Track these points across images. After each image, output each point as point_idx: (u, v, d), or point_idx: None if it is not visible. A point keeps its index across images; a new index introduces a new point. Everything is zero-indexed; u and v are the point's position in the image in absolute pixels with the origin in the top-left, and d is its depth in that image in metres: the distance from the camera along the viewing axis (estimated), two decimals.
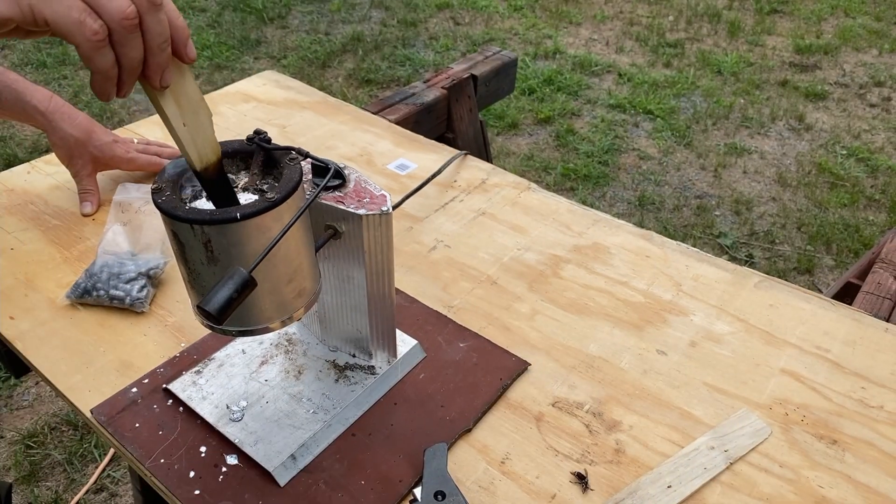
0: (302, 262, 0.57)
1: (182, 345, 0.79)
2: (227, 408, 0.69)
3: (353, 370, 0.73)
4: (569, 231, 0.97)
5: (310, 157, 0.59)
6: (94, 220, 0.98)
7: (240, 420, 0.68)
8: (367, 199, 0.61)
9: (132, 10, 0.42)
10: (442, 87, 1.58)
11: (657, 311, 0.85)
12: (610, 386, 0.75)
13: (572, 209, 1.02)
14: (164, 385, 0.72)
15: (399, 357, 0.74)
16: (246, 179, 0.57)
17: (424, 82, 1.61)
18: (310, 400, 0.70)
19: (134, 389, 0.73)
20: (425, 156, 1.13)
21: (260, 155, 0.56)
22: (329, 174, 0.59)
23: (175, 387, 0.72)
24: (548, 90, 3.33)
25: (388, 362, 0.74)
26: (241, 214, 0.50)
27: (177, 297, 0.86)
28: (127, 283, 0.82)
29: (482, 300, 0.86)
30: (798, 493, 0.65)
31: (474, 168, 1.11)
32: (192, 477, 0.65)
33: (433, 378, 0.75)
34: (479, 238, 0.96)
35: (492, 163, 1.17)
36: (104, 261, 0.84)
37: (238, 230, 0.51)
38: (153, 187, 0.52)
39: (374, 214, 0.60)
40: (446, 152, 1.13)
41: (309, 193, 0.59)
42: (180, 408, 0.71)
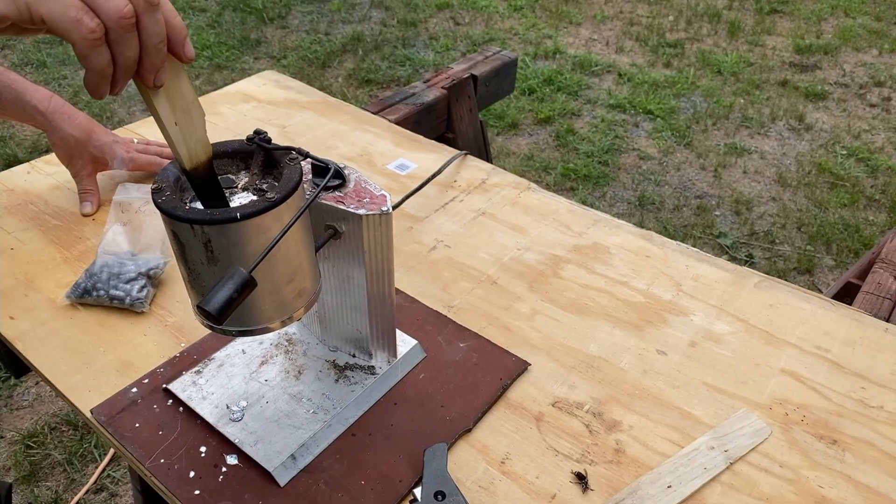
0: (302, 262, 0.57)
1: (182, 345, 0.79)
2: (227, 408, 0.69)
3: (353, 370, 0.73)
4: (569, 231, 0.97)
5: (310, 157, 0.59)
6: (94, 220, 0.98)
7: (240, 420, 0.68)
8: (367, 199, 0.61)
9: (129, 10, 0.42)
10: (442, 87, 1.58)
11: (657, 311, 0.85)
12: (610, 386, 0.75)
13: (572, 209, 1.02)
14: (164, 385, 0.72)
15: (399, 357, 0.74)
16: (246, 179, 0.57)
17: (424, 82, 1.61)
18: (310, 400, 0.70)
19: (134, 389, 0.73)
20: (425, 156, 1.13)
21: (260, 155, 0.56)
22: (329, 174, 0.59)
23: (175, 387, 0.72)
24: (548, 90, 3.33)
25: (388, 362, 0.74)
26: (241, 214, 0.50)
27: (177, 297, 0.86)
28: (127, 283, 0.82)
29: (482, 300, 0.86)
30: (798, 493, 0.65)
31: (474, 168, 1.11)
32: (192, 477, 0.65)
33: (433, 378, 0.75)
34: (479, 238, 0.96)
35: (492, 163, 1.17)
36: (104, 261, 0.84)
37: (238, 230, 0.51)
38: (153, 187, 0.52)
39: (374, 214, 0.60)
40: (446, 152, 1.13)
41: (309, 193, 0.59)
42: (180, 408, 0.71)
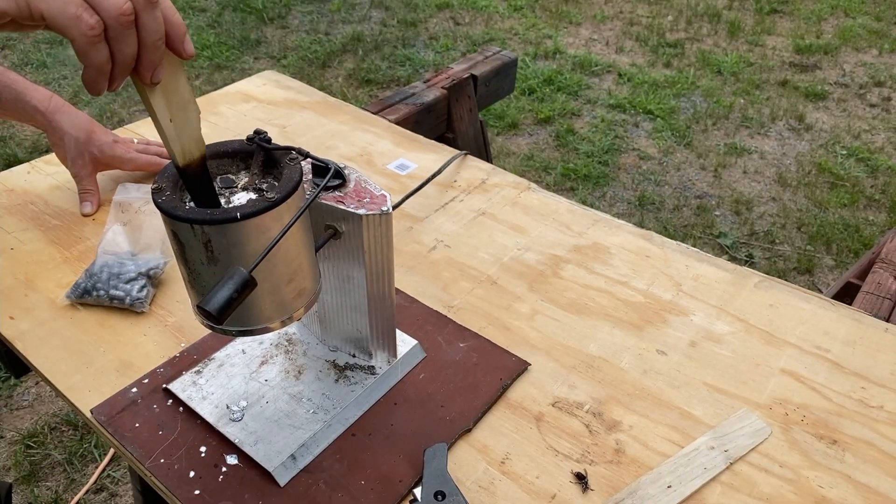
0: (302, 262, 0.57)
1: (182, 345, 0.79)
2: (227, 408, 0.69)
3: (353, 370, 0.73)
4: (569, 231, 0.97)
5: (310, 157, 0.59)
6: (94, 220, 0.98)
7: (240, 420, 0.68)
8: (367, 199, 0.61)
9: (129, 7, 0.42)
10: (442, 87, 1.58)
11: (657, 311, 0.85)
12: (610, 386, 0.75)
13: (572, 209, 1.02)
14: (164, 385, 0.72)
15: (399, 357, 0.74)
16: (246, 179, 0.57)
17: (424, 82, 1.61)
18: (310, 400, 0.70)
19: (134, 389, 0.73)
20: (425, 156, 1.13)
21: (260, 155, 0.56)
22: (329, 174, 0.59)
23: (175, 387, 0.72)
24: (548, 90, 3.33)
25: (388, 362, 0.74)
26: (241, 214, 0.50)
27: (177, 297, 0.86)
28: (127, 283, 0.82)
29: (482, 300, 0.86)
30: (798, 493, 0.65)
31: (474, 168, 1.11)
32: (192, 477, 0.65)
33: (433, 378, 0.75)
34: (479, 238, 0.96)
35: (492, 163, 1.17)
36: (104, 261, 0.84)
37: (238, 230, 0.51)
38: (153, 187, 0.52)
39: (374, 214, 0.60)
40: (446, 152, 1.13)
41: (309, 193, 0.59)
42: (180, 408, 0.71)
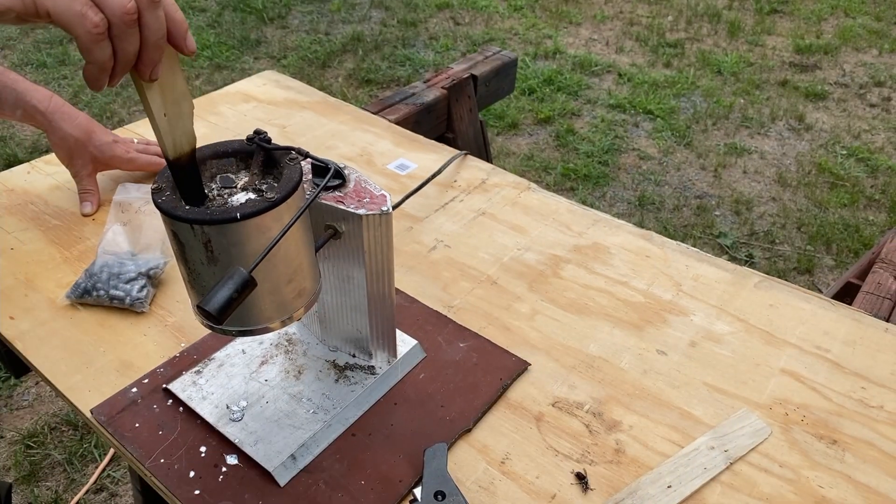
0: (302, 262, 0.57)
1: (182, 345, 0.79)
2: (227, 408, 0.69)
3: (353, 370, 0.73)
4: (569, 231, 0.97)
5: (310, 157, 0.59)
6: (94, 220, 0.98)
7: (240, 420, 0.68)
8: (367, 199, 0.61)
9: (133, 6, 0.43)
10: (442, 87, 1.58)
11: (657, 311, 0.85)
12: (610, 386, 0.75)
13: (572, 209, 1.02)
14: (164, 385, 0.72)
15: (399, 357, 0.74)
16: (246, 179, 0.57)
17: (424, 82, 1.61)
18: (310, 400, 0.70)
19: (134, 389, 0.73)
20: (425, 156, 1.13)
21: (260, 155, 0.56)
22: (329, 174, 0.59)
23: (175, 387, 0.72)
24: (548, 90, 3.33)
25: (388, 362, 0.74)
26: (241, 214, 0.50)
27: (177, 297, 0.86)
28: (127, 283, 0.82)
29: (482, 300, 0.86)
30: (798, 493, 0.65)
31: (474, 168, 1.11)
32: (192, 477, 0.65)
33: (433, 378, 0.75)
34: (479, 238, 0.96)
35: (492, 163, 1.17)
36: (104, 261, 0.84)
37: (238, 230, 0.51)
38: (153, 187, 0.53)
39: (374, 214, 0.60)
40: (446, 152, 1.13)
41: (309, 193, 0.59)
42: (180, 408, 0.71)
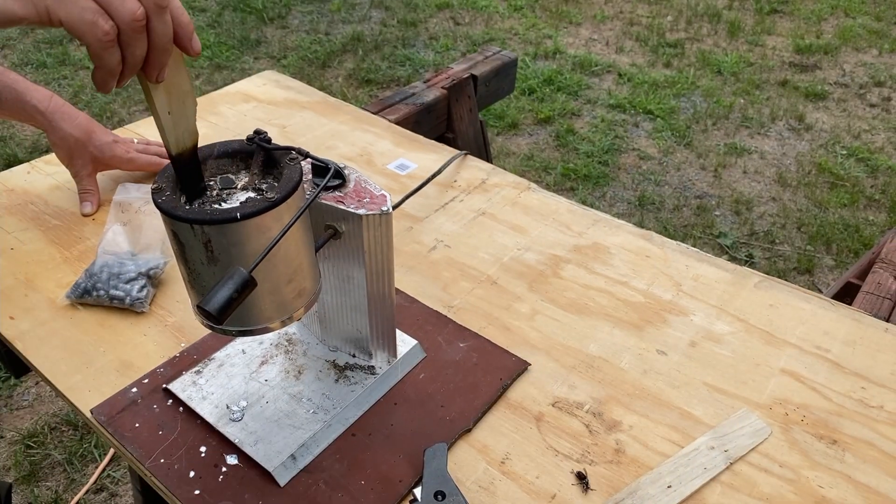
0: (302, 262, 0.57)
1: (182, 345, 0.79)
2: (227, 408, 0.69)
3: (353, 370, 0.73)
4: (569, 231, 0.97)
5: (310, 156, 0.59)
6: (94, 220, 0.98)
7: (240, 420, 0.68)
8: (367, 199, 0.61)
9: (142, 12, 0.44)
10: (442, 87, 1.58)
11: (657, 311, 0.85)
12: (610, 386, 0.75)
13: (572, 209, 1.02)
14: (164, 385, 0.72)
15: (399, 357, 0.74)
16: (246, 179, 0.57)
17: (424, 82, 1.61)
18: (310, 400, 0.70)
19: (134, 389, 0.73)
20: (425, 156, 1.13)
21: (260, 155, 0.56)
22: (329, 174, 0.59)
23: (175, 387, 0.72)
24: (548, 90, 3.33)
25: (388, 362, 0.74)
26: (241, 214, 0.50)
27: (177, 297, 0.86)
28: (127, 283, 0.82)
29: (482, 300, 0.86)
30: (798, 493, 0.65)
31: (474, 168, 1.11)
32: (192, 477, 0.65)
33: (433, 378, 0.75)
34: (479, 238, 0.96)
35: (492, 163, 1.17)
36: (104, 261, 0.84)
37: (238, 230, 0.51)
38: (153, 187, 0.53)
39: (374, 214, 0.60)
40: (446, 152, 1.13)
41: (309, 193, 0.59)
42: (180, 408, 0.71)
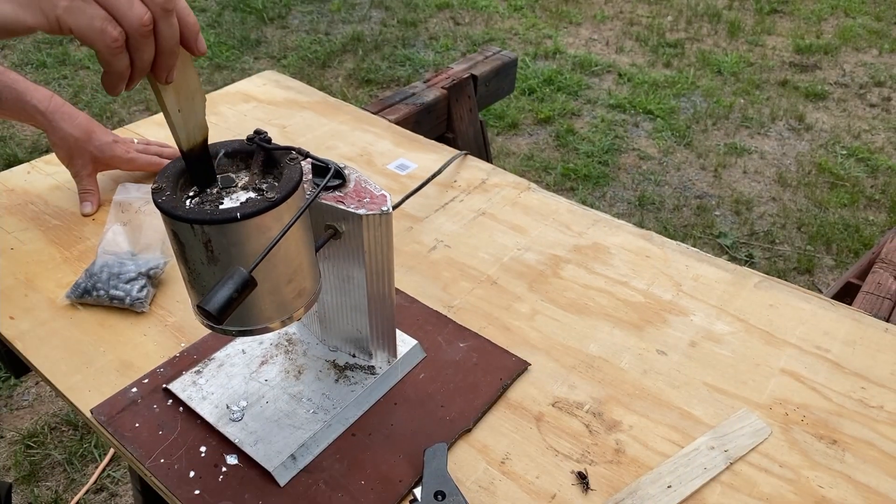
0: (302, 262, 0.57)
1: (182, 345, 0.79)
2: (227, 408, 0.69)
3: (353, 370, 0.73)
4: (569, 231, 0.97)
5: (310, 156, 0.59)
6: (94, 220, 0.98)
7: (240, 420, 0.68)
8: (367, 199, 0.61)
9: (149, 17, 0.45)
10: (442, 87, 1.58)
11: (657, 311, 0.85)
12: (610, 386, 0.75)
13: (572, 209, 1.02)
14: (164, 385, 0.72)
15: (399, 357, 0.74)
16: (246, 179, 0.57)
17: (424, 82, 1.61)
18: (310, 400, 0.70)
19: (134, 389, 0.73)
20: (425, 156, 1.13)
21: (260, 155, 0.56)
22: (329, 174, 0.59)
23: (175, 387, 0.72)
24: (548, 90, 3.33)
25: (388, 362, 0.74)
26: (241, 214, 0.50)
27: (177, 297, 0.86)
28: (127, 283, 0.82)
29: (482, 300, 0.86)
30: (798, 493, 0.65)
31: (474, 168, 1.11)
32: (192, 477, 0.65)
33: (433, 378, 0.75)
34: (479, 238, 0.96)
35: (492, 163, 1.17)
36: (104, 261, 0.84)
37: (238, 230, 0.51)
38: (153, 187, 0.53)
39: (374, 214, 0.60)
40: (446, 152, 1.13)
41: (309, 193, 0.59)
42: (180, 408, 0.71)
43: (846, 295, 1.19)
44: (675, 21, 4.06)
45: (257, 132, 0.56)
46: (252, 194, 0.56)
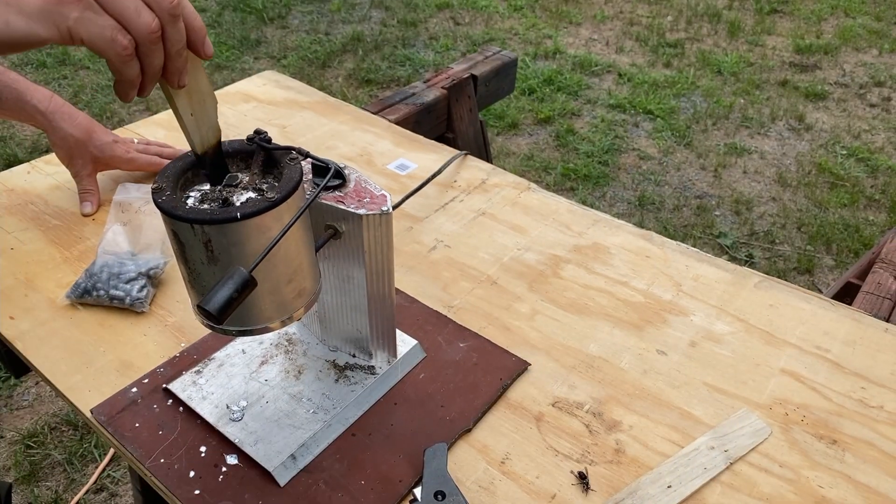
0: (302, 262, 0.57)
1: (182, 345, 0.79)
2: (227, 408, 0.69)
3: (353, 370, 0.73)
4: (569, 231, 0.97)
5: (310, 156, 0.59)
6: (94, 220, 0.98)
7: (240, 420, 0.68)
8: (367, 199, 0.61)
9: (157, 24, 0.46)
10: (442, 87, 1.58)
11: (657, 311, 0.85)
12: (610, 386, 0.75)
13: (572, 209, 1.02)
14: (164, 385, 0.72)
15: (399, 357, 0.74)
16: (246, 179, 0.57)
17: (424, 82, 1.61)
18: (310, 400, 0.70)
19: (134, 389, 0.73)
20: (425, 156, 1.13)
21: (260, 155, 0.56)
22: (329, 174, 0.59)
23: (175, 387, 0.72)
24: (548, 90, 3.33)
25: (388, 362, 0.74)
26: (241, 214, 0.50)
27: (177, 297, 0.86)
28: (127, 283, 0.82)
29: (482, 300, 0.86)
30: (798, 493, 0.65)
31: (474, 168, 1.11)
32: (192, 477, 0.65)
33: (433, 378, 0.75)
34: (479, 238, 0.96)
35: (492, 163, 1.17)
36: (104, 261, 0.84)
37: (238, 230, 0.51)
38: (153, 187, 0.53)
39: (374, 214, 0.60)
40: (446, 152, 1.13)
41: (309, 193, 0.59)
42: (180, 408, 0.71)
43: (846, 295, 1.19)
44: (675, 21, 4.06)
45: (257, 132, 0.56)
46: (252, 194, 0.56)
